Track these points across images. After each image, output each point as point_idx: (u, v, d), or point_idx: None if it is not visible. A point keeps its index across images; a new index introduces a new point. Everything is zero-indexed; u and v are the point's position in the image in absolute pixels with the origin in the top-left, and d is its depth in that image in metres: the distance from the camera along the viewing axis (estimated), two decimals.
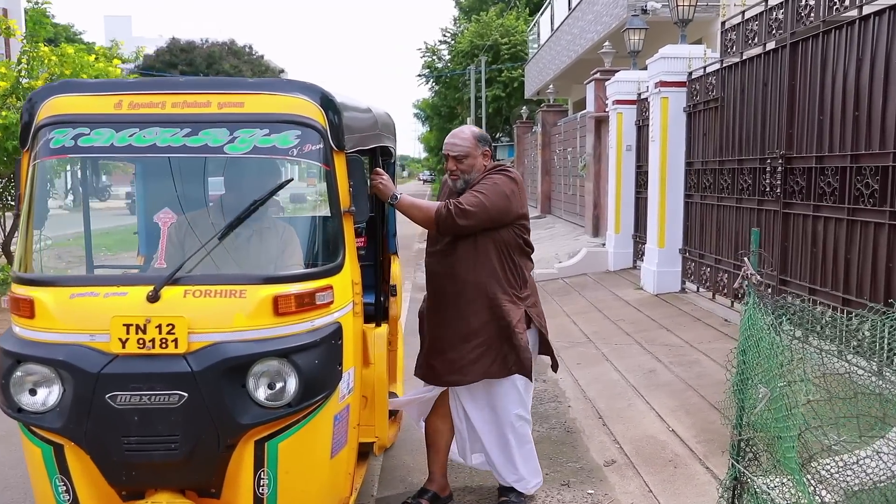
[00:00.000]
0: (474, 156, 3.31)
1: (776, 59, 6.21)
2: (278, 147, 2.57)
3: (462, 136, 3.33)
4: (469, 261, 3.28)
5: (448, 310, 3.36)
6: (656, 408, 5.05)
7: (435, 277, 3.42)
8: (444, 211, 3.17)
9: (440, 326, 3.41)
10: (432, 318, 3.46)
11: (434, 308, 3.45)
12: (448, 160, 3.34)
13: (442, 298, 3.39)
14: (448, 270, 3.32)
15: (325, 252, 2.76)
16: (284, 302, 2.42)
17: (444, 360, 3.39)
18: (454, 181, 3.35)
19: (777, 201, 6.16)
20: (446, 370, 3.40)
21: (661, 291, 8.67)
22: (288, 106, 2.64)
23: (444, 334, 3.39)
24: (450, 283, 3.33)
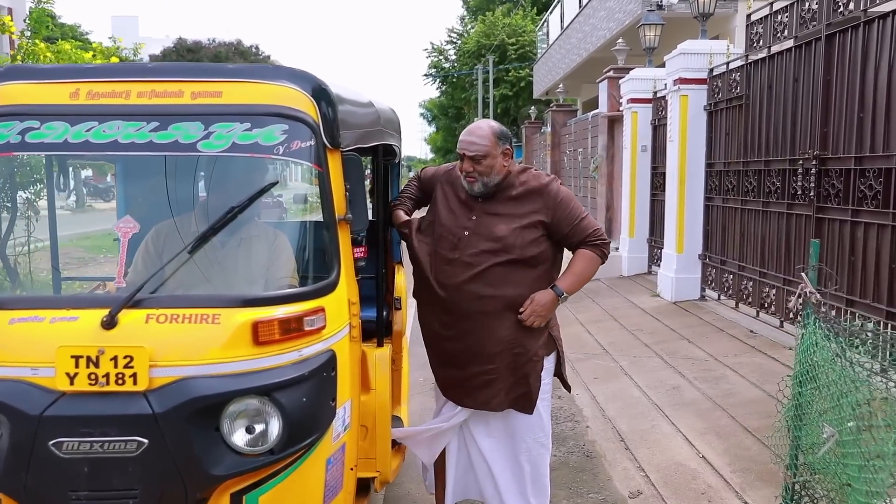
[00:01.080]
0: (494, 155, 2.88)
1: (809, 53, 5.79)
2: (261, 144, 2.18)
3: (480, 134, 2.89)
4: (500, 276, 2.87)
5: (460, 324, 2.94)
6: (683, 430, 4.64)
7: (445, 288, 2.94)
8: (601, 250, 2.97)
9: (448, 341, 3.00)
10: (440, 332, 3.02)
11: (441, 323, 3.01)
12: (464, 160, 2.90)
13: (452, 312, 2.94)
14: (467, 282, 2.88)
15: (316, 268, 2.36)
16: (266, 329, 2.03)
17: (450, 376, 3.03)
18: (471, 184, 2.91)
19: (810, 205, 5.74)
20: (455, 386, 3.03)
21: (680, 299, 8.26)
22: (273, 96, 2.25)
23: (453, 348, 2.99)
24: (465, 297, 2.89)
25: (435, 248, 2.95)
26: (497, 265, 2.86)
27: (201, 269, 2.20)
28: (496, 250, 2.87)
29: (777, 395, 2.95)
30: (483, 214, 2.93)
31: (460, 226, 2.92)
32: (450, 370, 3.02)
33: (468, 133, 2.93)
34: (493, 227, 2.89)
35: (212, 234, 2.16)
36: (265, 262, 2.37)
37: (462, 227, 2.92)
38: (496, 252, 2.86)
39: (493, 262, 2.86)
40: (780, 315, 6.35)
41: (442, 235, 2.94)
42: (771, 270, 6.53)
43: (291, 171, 2.63)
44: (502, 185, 2.94)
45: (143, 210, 3.28)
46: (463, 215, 2.95)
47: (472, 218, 2.93)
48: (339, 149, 2.36)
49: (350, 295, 2.38)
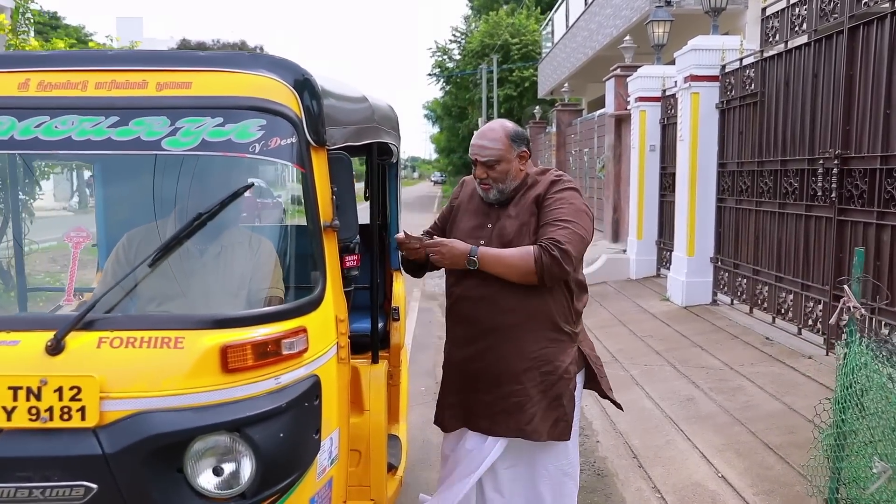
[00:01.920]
0: (508, 160, 2.62)
1: (829, 47, 5.51)
2: (235, 141, 1.92)
3: (493, 136, 2.63)
4: (519, 287, 2.59)
5: (481, 340, 2.68)
6: (700, 446, 4.36)
7: (466, 303, 2.70)
8: (547, 258, 2.49)
9: (473, 360, 2.72)
10: (462, 351, 2.75)
11: (464, 338, 2.73)
12: (476, 166, 2.66)
13: (476, 327, 2.68)
14: (488, 296, 2.63)
15: (297, 282, 2.09)
16: (237, 354, 1.76)
17: (476, 400, 2.72)
18: (486, 191, 2.68)
19: (830, 207, 5.46)
20: (474, 411, 2.72)
21: (691, 303, 7.97)
22: (250, 87, 1.99)
23: (476, 369, 2.71)
24: (488, 311, 2.64)
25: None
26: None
27: (164, 284, 1.93)
28: None
29: (814, 419, 2.66)
30: (498, 220, 2.70)
31: (475, 235, 2.70)
32: (474, 395, 2.72)
33: (479, 136, 2.66)
34: (505, 230, 2.67)
35: (176, 244, 1.89)
36: (241, 276, 2.09)
37: (477, 236, 2.70)
38: None
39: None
40: (797, 322, 6.06)
41: None
42: (788, 275, 6.24)
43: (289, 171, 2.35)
44: (519, 190, 2.69)
45: (119, 215, 3.02)
46: (478, 223, 2.73)
47: (488, 225, 2.70)
48: (324, 147, 2.10)
49: (337, 311, 2.11)
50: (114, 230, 3.06)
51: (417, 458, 4.27)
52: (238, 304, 2.03)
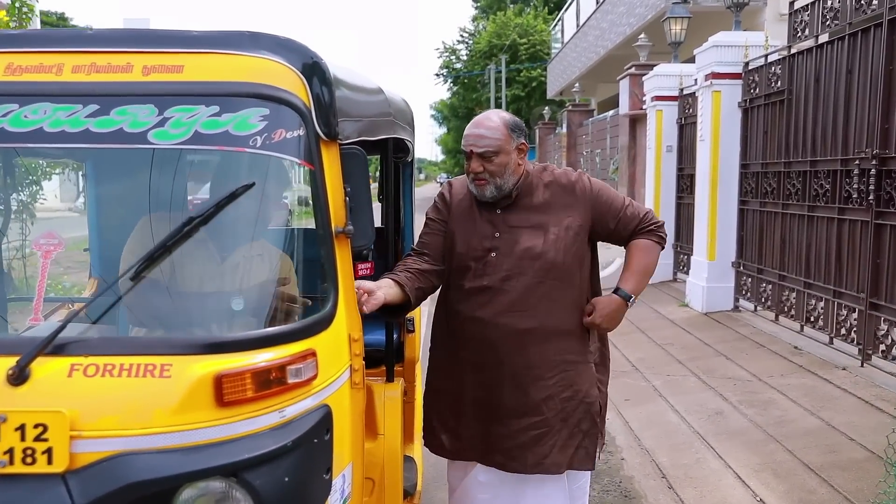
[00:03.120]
0: (507, 151, 2.33)
1: (866, 41, 5.21)
2: (233, 134, 1.65)
3: (490, 125, 2.33)
4: (540, 301, 2.32)
5: (496, 368, 2.38)
6: (733, 466, 4.07)
7: (477, 325, 2.38)
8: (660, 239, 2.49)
9: (485, 388, 2.42)
10: (474, 376, 2.43)
11: (475, 364, 2.41)
12: (471, 159, 2.34)
13: (490, 351, 2.38)
14: (503, 314, 2.34)
15: (305, 297, 1.82)
16: (234, 383, 1.49)
17: (490, 432, 2.43)
18: (480, 188, 2.35)
19: (867, 210, 5.15)
20: (493, 446, 2.43)
21: (711, 310, 7.68)
22: (251, 71, 1.72)
23: (490, 399, 2.42)
24: (503, 335, 2.34)
25: (455, 281, 2.42)
26: (535, 287, 2.33)
27: (149, 301, 1.66)
28: (531, 270, 2.34)
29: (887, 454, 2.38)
30: (508, 228, 2.39)
31: (482, 247, 2.38)
32: (488, 426, 2.43)
33: (475, 125, 2.35)
34: (525, 241, 2.36)
35: (163, 251, 1.62)
36: (241, 289, 1.80)
37: (485, 248, 2.38)
38: (533, 272, 2.33)
39: (529, 284, 2.33)
40: (829, 331, 5.76)
41: (462, 264, 2.40)
42: (818, 281, 5.94)
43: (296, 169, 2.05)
44: (523, 190, 2.39)
45: (112, 217, 2.76)
46: (483, 233, 2.40)
47: (496, 235, 2.38)
48: (336, 141, 1.83)
49: (350, 329, 1.84)
50: (107, 233, 2.80)
51: (431, 476, 4.00)
52: (236, 324, 1.75)
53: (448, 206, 2.49)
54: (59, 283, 3.47)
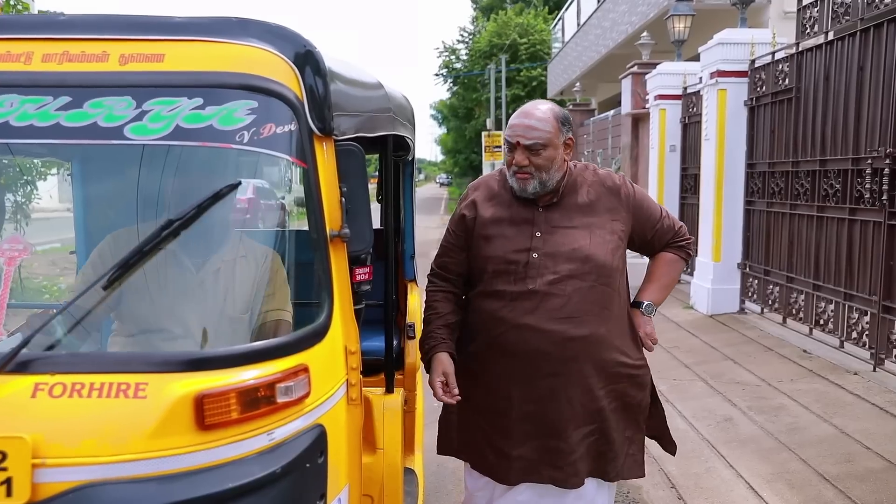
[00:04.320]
0: (556, 145, 2.18)
1: (879, 37, 5.07)
2: (217, 128, 1.51)
3: (540, 116, 2.17)
4: (587, 305, 2.18)
5: (547, 380, 2.21)
6: (745, 475, 3.93)
7: (525, 332, 2.20)
8: (687, 255, 2.44)
9: (531, 401, 2.24)
10: (522, 389, 2.24)
11: (524, 376, 2.23)
12: (516, 150, 2.17)
13: (542, 361, 2.21)
14: (551, 320, 2.17)
15: (296, 307, 1.67)
16: (217, 404, 1.35)
17: (541, 449, 2.25)
18: (523, 182, 2.18)
19: (880, 211, 5.02)
20: (545, 462, 2.26)
21: (717, 312, 7.54)
22: (238, 61, 1.58)
23: (541, 413, 2.25)
24: (553, 340, 2.18)
25: (492, 287, 2.23)
26: (587, 291, 2.18)
27: (126, 313, 1.51)
28: (580, 272, 2.18)
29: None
30: (550, 228, 2.23)
31: (522, 247, 2.20)
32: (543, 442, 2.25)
33: (524, 115, 2.19)
34: (572, 242, 2.21)
35: (140, 257, 1.47)
36: (226, 299, 1.65)
37: (525, 248, 2.20)
38: (580, 275, 2.18)
39: (579, 287, 2.18)
40: (839, 334, 5.62)
41: (499, 268, 2.21)
42: (828, 283, 5.80)
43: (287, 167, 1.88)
44: (567, 188, 2.24)
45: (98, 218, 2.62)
46: (522, 233, 2.23)
47: (537, 234, 2.22)
48: (332, 137, 1.69)
49: (347, 341, 1.69)
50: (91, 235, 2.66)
51: (432, 487, 3.86)
52: (220, 338, 1.59)
53: (476, 211, 2.30)
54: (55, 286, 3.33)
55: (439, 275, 2.34)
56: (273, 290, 1.60)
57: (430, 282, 2.35)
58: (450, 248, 2.33)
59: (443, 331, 2.25)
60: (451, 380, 2.21)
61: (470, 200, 2.33)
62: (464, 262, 2.31)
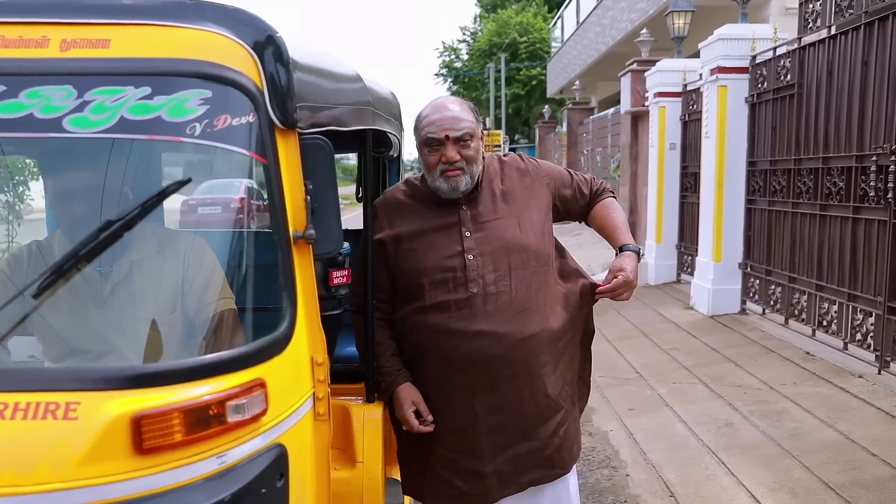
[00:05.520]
0: (479, 136, 2.11)
1: (884, 30, 4.93)
2: (166, 120, 1.38)
3: (460, 108, 2.09)
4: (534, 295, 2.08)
5: (507, 383, 2.09)
6: (747, 484, 3.79)
7: (476, 339, 2.05)
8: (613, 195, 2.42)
9: (495, 411, 2.11)
10: (485, 399, 2.11)
11: (485, 385, 2.10)
12: (445, 146, 2.05)
13: (495, 367, 2.08)
14: (506, 320, 2.06)
15: (253, 315, 1.52)
16: (157, 425, 1.21)
17: (515, 458, 2.15)
18: (454, 180, 2.06)
19: (885, 209, 4.88)
20: (522, 468, 2.16)
21: (717, 313, 7.41)
22: (191, 47, 1.45)
23: (505, 420, 2.12)
24: (509, 341, 2.06)
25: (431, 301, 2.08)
26: (526, 280, 2.09)
27: (56, 321, 1.38)
28: (519, 263, 2.09)
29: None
30: (478, 224, 2.11)
31: (454, 252, 2.08)
32: (514, 449, 2.15)
33: (442, 108, 2.07)
34: (503, 234, 2.11)
35: (73, 264, 1.34)
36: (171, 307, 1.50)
37: (457, 251, 2.08)
38: (520, 265, 2.09)
39: (520, 279, 2.08)
40: (843, 336, 5.48)
41: (436, 279, 2.07)
42: (831, 283, 5.66)
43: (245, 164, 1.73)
44: (483, 179, 2.15)
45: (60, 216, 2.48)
46: (450, 237, 2.10)
47: (466, 234, 2.10)
48: (295, 130, 1.55)
49: (313, 351, 1.56)
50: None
51: None
52: (163, 350, 1.45)
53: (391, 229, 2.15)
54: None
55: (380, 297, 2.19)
56: (224, 300, 1.46)
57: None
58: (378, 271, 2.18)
59: (394, 360, 2.14)
60: (423, 407, 2.12)
61: (380, 222, 2.18)
62: (386, 285, 2.18)
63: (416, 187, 2.19)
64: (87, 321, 1.46)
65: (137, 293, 1.49)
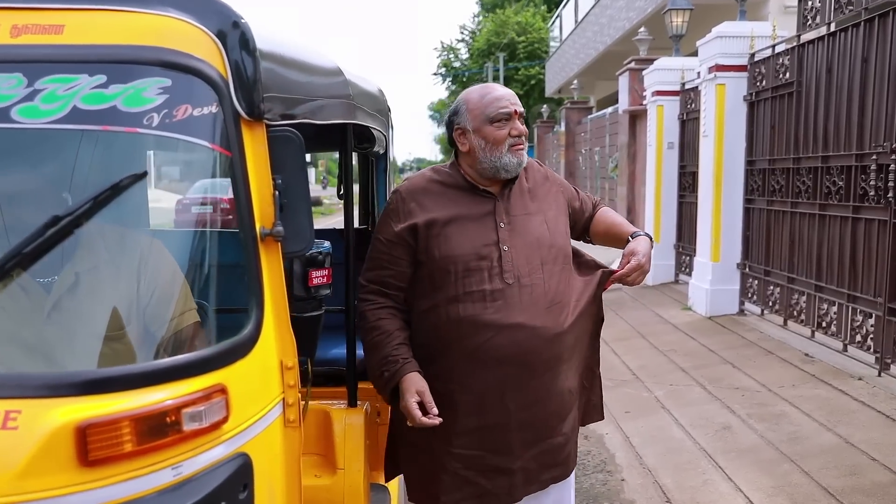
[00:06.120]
0: None
1: (884, 27, 4.85)
2: (122, 110, 1.30)
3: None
4: (565, 293, 2.11)
5: (537, 379, 2.05)
6: (744, 489, 3.71)
7: (513, 332, 1.99)
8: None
9: (525, 408, 2.06)
10: (517, 397, 2.04)
11: (517, 383, 2.03)
12: (513, 119, 2.06)
13: (529, 362, 2.02)
14: (540, 313, 2.02)
15: (217, 318, 1.43)
16: (104, 435, 1.13)
17: (539, 454, 2.11)
18: (520, 153, 2.07)
19: (885, 209, 4.80)
20: (544, 465, 2.13)
21: (715, 313, 7.33)
22: (150, 33, 1.37)
23: (533, 417, 2.08)
24: (543, 334, 2.01)
25: (463, 290, 2.00)
26: (556, 275, 2.09)
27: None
28: (549, 259, 2.09)
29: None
30: (511, 217, 2.08)
31: (490, 241, 2.03)
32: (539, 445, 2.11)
33: (499, 87, 2.11)
34: (533, 230, 2.10)
35: (19, 257, 1.25)
36: (123, 313, 1.40)
37: (493, 241, 2.03)
38: (550, 261, 2.08)
39: (551, 273, 2.08)
40: (842, 337, 5.40)
41: (471, 267, 2.00)
42: (830, 284, 5.58)
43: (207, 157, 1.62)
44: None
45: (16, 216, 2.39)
46: (485, 227, 2.05)
47: (501, 225, 2.06)
48: (262, 121, 1.47)
49: (283, 355, 1.47)
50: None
51: None
52: (114, 354, 1.36)
53: (424, 214, 2.06)
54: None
55: (376, 290, 2.08)
56: (183, 300, 1.37)
57: (366, 300, 2.07)
58: (386, 260, 2.07)
59: (402, 349, 2.02)
60: (428, 398, 1.95)
61: (410, 206, 2.08)
62: (405, 275, 2.07)
63: (446, 173, 2.14)
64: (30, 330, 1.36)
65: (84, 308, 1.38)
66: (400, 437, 2.17)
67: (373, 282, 2.08)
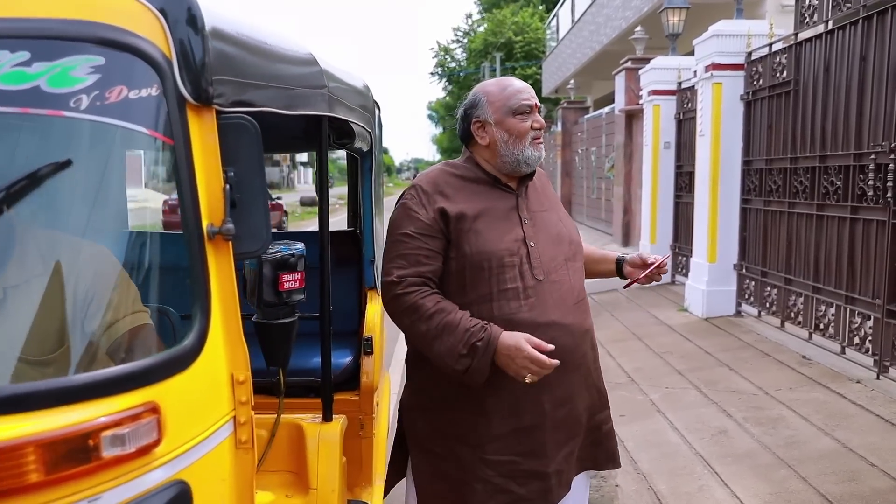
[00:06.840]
0: None
1: (883, 25, 4.73)
2: (46, 91, 1.16)
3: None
4: (583, 290, 2.11)
5: (570, 376, 1.98)
6: (741, 496, 3.58)
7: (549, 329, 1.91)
8: None
9: (560, 406, 1.98)
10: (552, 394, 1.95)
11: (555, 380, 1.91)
12: (534, 112, 2.03)
13: (568, 358, 1.93)
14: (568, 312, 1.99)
15: (149, 327, 1.29)
16: (2, 464, 0.98)
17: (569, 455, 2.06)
18: (540, 147, 2.04)
19: (884, 209, 4.68)
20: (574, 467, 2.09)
21: (712, 315, 7.21)
22: (83, 6, 1.23)
23: (567, 415, 2.01)
24: (574, 331, 1.99)
25: (496, 287, 1.91)
26: (578, 272, 2.08)
27: None
28: (570, 255, 2.07)
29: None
30: (531, 213, 2.04)
31: (518, 237, 1.96)
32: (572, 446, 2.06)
33: (516, 81, 2.08)
34: (552, 226, 2.06)
35: None
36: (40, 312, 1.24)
37: (520, 237, 1.97)
38: (571, 257, 2.06)
39: (574, 270, 2.06)
40: (840, 339, 5.28)
41: (504, 263, 1.91)
42: (828, 285, 5.46)
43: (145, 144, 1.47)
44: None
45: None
46: (511, 222, 1.98)
47: (525, 221, 2.00)
48: (212, 107, 1.33)
49: (233, 368, 1.33)
50: None
51: None
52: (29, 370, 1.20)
53: (453, 206, 1.94)
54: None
55: (419, 282, 1.90)
56: (109, 307, 1.22)
57: (412, 291, 1.88)
58: (424, 255, 1.92)
59: (476, 319, 1.86)
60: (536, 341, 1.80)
61: (431, 197, 1.95)
62: (440, 270, 1.94)
63: (464, 167, 2.05)
64: None
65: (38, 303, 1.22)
66: (414, 445, 2.05)
67: (416, 276, 1.90)
